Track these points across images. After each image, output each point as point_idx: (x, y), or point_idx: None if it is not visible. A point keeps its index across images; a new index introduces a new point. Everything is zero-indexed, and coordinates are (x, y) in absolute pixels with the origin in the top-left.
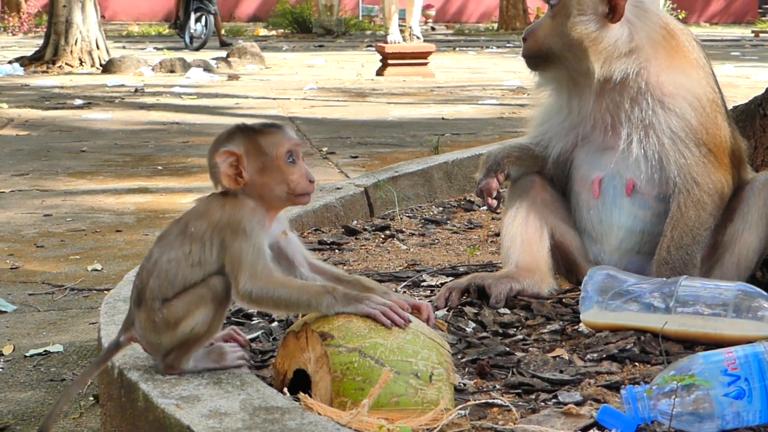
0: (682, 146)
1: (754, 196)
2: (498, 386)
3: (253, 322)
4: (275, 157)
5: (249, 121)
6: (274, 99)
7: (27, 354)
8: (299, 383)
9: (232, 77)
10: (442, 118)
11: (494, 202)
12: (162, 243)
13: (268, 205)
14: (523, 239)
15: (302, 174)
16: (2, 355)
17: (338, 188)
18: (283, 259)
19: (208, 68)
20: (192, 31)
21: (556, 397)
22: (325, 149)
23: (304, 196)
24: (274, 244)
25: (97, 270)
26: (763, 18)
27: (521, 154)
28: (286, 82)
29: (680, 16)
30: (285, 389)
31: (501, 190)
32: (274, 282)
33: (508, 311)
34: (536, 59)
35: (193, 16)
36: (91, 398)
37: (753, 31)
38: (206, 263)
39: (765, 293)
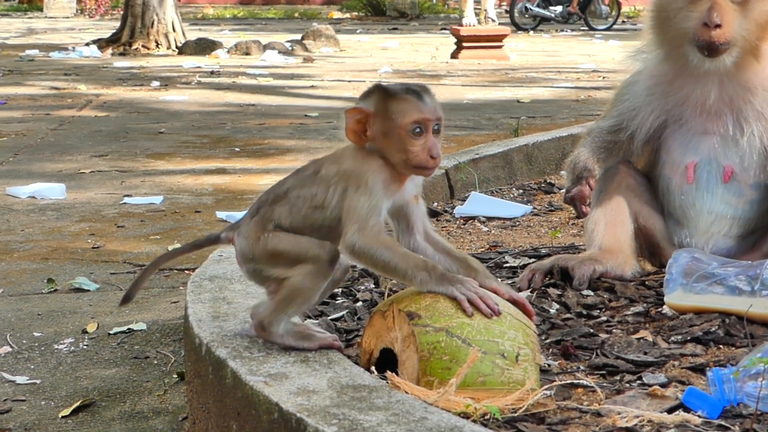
0: None
1: None
2: (582, 367)
3: (337, 302)
4: (399, 125)
5: (323, 104)
6: (349, 81)
7: (111, 332)
8: (385, 362)
9: (307, 59)
10: (518, 101)
11: (588, 210)
12: (297, 177)
13: (394, 167)
14: (607, 222)
15: (424, 148)
16: (86, 332)
17: None
18: (403, 221)
19: (283, 51)
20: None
21: (640, 378)
22: None
23: (423, 170)
24: (400, 206)
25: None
26: None
27: (607, 153)
28: (361, 64)
29: None
30: (372, 368)
31: None
32: (379, 242)
33: (591, 293)
34: (725, 46)
35: None
36: (175, 376)
37: None
38: (327, 208)
39: None
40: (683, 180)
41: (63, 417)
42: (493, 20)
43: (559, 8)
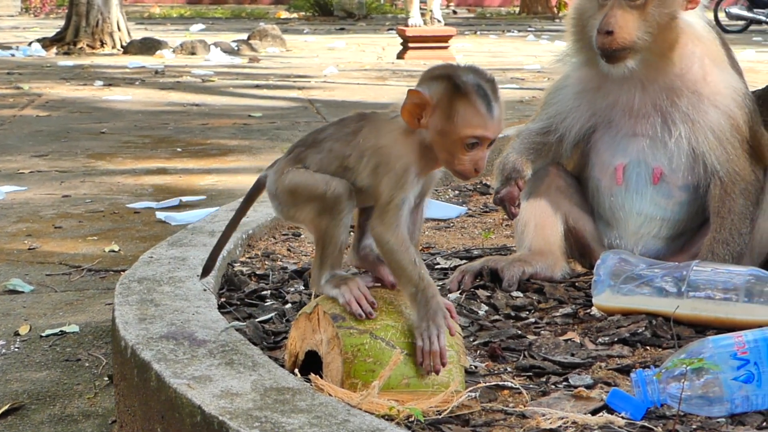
0: (726, 143)
1: None
2: (509, 369)
3: (266, 304)
4: (457, 133)
5: (267, 104)
6: (293, 81)
7: (43, 334)
8: (311, 364)
9: (253, 60)
10: None
11: (518, 211)
12: (337, 128)
13: (435, 155)
14: (537, 223)
15: (472, 160)
16: (18, 335)
17: None
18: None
19: (229, 50)
20: None
21: (566, 380)
22: None
23: (462, 177)
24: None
25: (114, 251)
26: None
27: (537, 155)
28: (307, 64)
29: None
30: (296, 370)
31: None
32: (396, 235)
33: (520, 294)
34: (622, 52)
35: None
36: (106, 378)
37: None
38: (357, 173)
39: None
40: (612, 181)
41: None
42: (439, 21)
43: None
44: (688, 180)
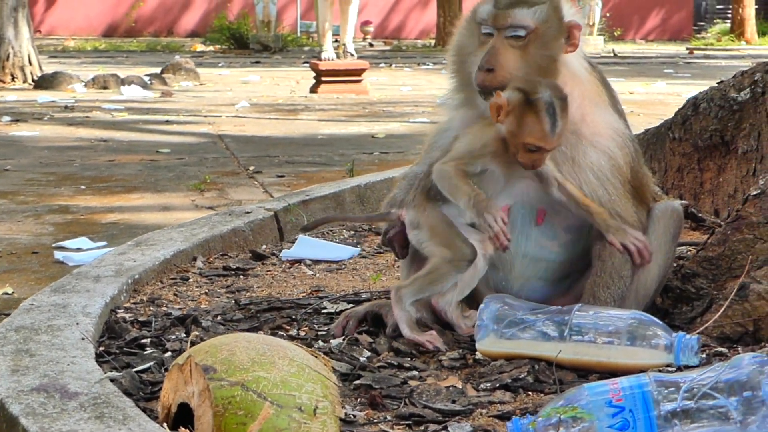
0: (607, 183)
1: (653, 225)
2: (389, 417)
3: (145, 353)
4: (522, 139)
5: (176, 139)
6: (205, 116)
7: None
8: (185, 417)
9: (166, 94)
10: (372, 136)
11: (406, 252)
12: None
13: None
14: None
15: (531, 159)
16: None
17: (247, 212)
18: None
19: (142, 85)
20: None
21: (446, 428)
22: (252, 168)
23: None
24: None
25: (7, 293)
26: (698, 35)
27: (424, 196)
28: (219, 98)
29: (616, 33)
30: (165, 424)
31: None
32: None
33: None
34: (500, 90)
35: None
36: None
37: (688, 48)
38: None
39: (659, 321)
40: None
41: None
42: (352, 54)
43: None
44: (572, 221)
